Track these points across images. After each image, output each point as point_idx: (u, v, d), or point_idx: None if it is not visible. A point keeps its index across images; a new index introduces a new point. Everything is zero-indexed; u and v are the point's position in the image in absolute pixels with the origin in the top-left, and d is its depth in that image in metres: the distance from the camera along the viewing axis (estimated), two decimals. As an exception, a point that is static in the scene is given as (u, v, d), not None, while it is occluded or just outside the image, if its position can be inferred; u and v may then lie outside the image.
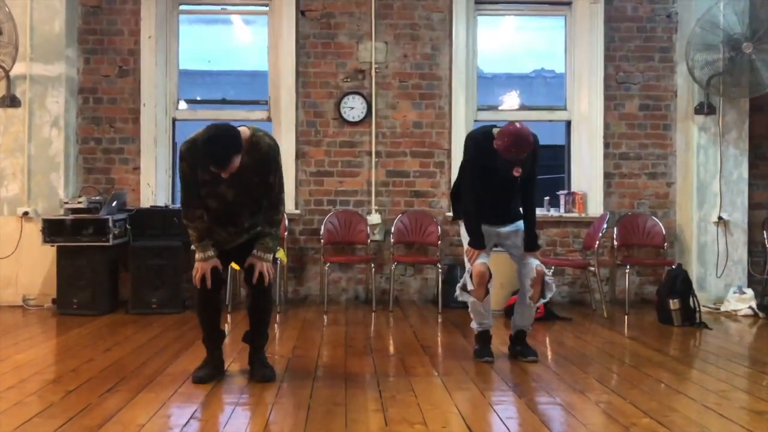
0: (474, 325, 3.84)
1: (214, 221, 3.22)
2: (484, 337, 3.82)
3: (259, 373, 3.26)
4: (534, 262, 3.68)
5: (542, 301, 3.81)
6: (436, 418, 2.66)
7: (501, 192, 3.73)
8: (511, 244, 3.82)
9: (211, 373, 3.26)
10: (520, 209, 3.80)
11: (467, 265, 3.76)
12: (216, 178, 3.06)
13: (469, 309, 3.82)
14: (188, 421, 2.61)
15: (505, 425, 2.63)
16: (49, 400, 2.88)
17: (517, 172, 3.44)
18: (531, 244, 3.74)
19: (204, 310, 3.32)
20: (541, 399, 3.02)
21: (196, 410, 2.77)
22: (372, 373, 3.43)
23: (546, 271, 3.75)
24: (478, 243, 3.69)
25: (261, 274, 3.19)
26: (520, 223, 3.79)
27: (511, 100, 12.98)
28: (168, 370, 3.43)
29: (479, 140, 3.69)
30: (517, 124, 3.52)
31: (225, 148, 2.94)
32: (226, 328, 4.70)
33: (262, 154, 3.15)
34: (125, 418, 2.62)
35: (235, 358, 3.67)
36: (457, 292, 3.81)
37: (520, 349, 3.80)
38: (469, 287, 3.71)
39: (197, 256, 3.19)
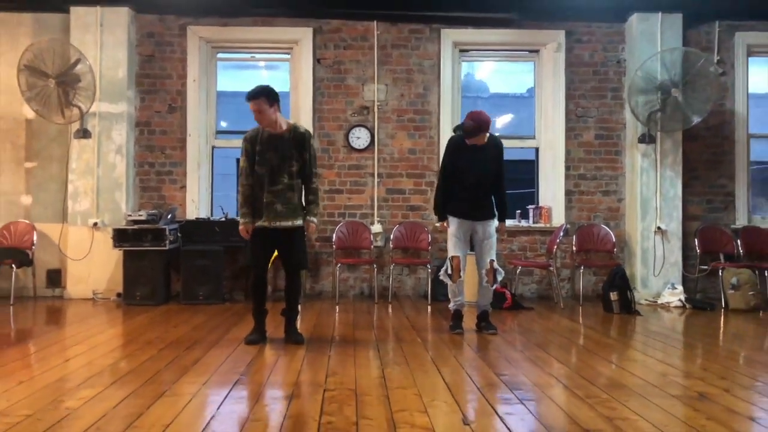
0: (451, 305, 5.12)
1: (261, 185, 4.46)
2: (457, 315, 5.10)
3: (293, 338, 4.56)
4: (488, 257, 4.96)
5: (496, 284, 5.07)
6: (416, 361, 3.93)
7: (476, 187, 4.96)
8: (479, 237, 5.03)
9: (258, 338, 4.54)
10: (494, 208, 5.08)
11: (448, 254, 5.05)
12: (266, 147, 4.44)
13: (448, 291, 5.11)
14: (246, 368, 3.88)
15: (464, 369, 3.90)
16: (138, 361, 3.97)
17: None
18: (501, 217, 5.10)
19: (255, 292, 4.63)
20: (495, 355, 4.29)
21: (252, 359, 4.05)
22: (373, 341, 4.70)
23: (496, 263, 5.02)
24: (442, 217, 5.10)
25: (296, 259, 4.56)
26: (492, 222, 5.05)
27: (504, 120, 14.35)
28: (225, 338, 4.70)
29: (454, 139, 5.08)
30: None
31: (260, 87, 4.43)
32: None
33: (300, 134, 4.55)
34: (195, 372, 3.84)
35: (273, 330, 4.96)
36: (441, 274, 5.13)
37: (484, 324, 5.08)
38: (448, 272, 5.01)
39: (240, 221, 4.55)
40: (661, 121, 6.83)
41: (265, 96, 4.41)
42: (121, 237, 6.45)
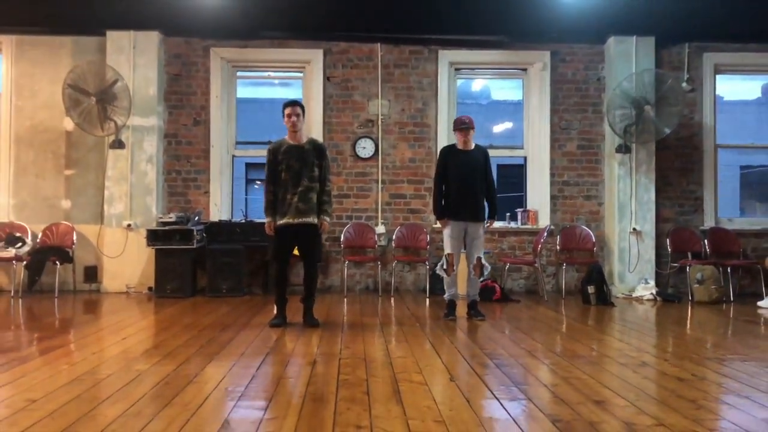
0: (446, 295, 5.92)
1: (285, 188, 5.25)
2: (451, 304, 5.88)
3: (310, 322, 5.36)
4: (477, 254, 5.75)
5: (483, 277, 5.87)
6: (415, 340, 4.73)
7: (467, 189, 5.72)
8: (470, 236, 5.79)
9: (281, 322, 5.34)
10: (485, 211, 5.86)
11: (444, 251, 5.82)
12: (289, 156, 5.24)
13: (444, 283, 5.89)
14: (273, 344, 4.67)
15: (454, 346, 4.69)
16: (177, 342, 4.84)
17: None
18: (491, 215, 5.87)
19: (278, 283, 5.43)
20: (482, 336, 5.08)
21: (277, 338, 4.84)
22: (378, 325, 5.49)
23: (483, 259, 5.80)
24: (440, 216, 5.85)
25: (314, 253, 5.37)
26: (482, 224, 5.80)
27: (501, 127, 15.17)
28: (249, 324, 5.49)
29: (445, 147, 6.02)
30: None
31: (298, 100, 5.44)
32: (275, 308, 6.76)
33: (319, 145, 5.45)
34: (232, 347, 4.65)
35: (292, 316, 5.76)
36: (438, 268, 5.91)
37: (473, 312, 5.86)
38: (444, 266, 5.79)
39: (265, 221, 5.36)
40: (636, 134, 7.61)
41: (301, 106, 5.38)
42: (153, 237, 7.25)
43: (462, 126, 5.78)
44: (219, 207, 7.97)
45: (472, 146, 5.83)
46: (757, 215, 15.66)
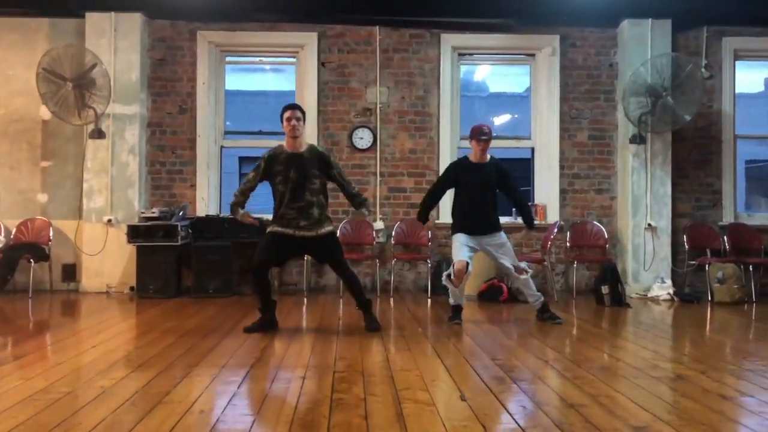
0: (451, 301, 5.42)
1: (281, 201, 4.80)
2: (457, 308, 5.40)
3: (369, 325, 4.91)
4: (509, 263, 5.30)
5: (529, 273, 5.41)
6: (418, 348, 4.24)
7: (481, 199, 5.28)
8: (490, 251, 5.33)
9: (261, 329, 4.84)
10: (498, 222, 5.40)
11: (454, 259, 5.29)
12: (287, 166, 4.75)
13: (449, 291, 5.40)
14: (260, 353, 4.19)
15: (458, 350, 4.21)
16: (156, 348, 4.30)
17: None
18: (529, 224, 5.49)
19: (258, 289, 4.95)
20: (489, 342, 4.59)
21: (265, 346, 4.35)
22: (377, 330, 5.01)
23: (520, 265, 5.36)
24: (421, 218, 5.59)
25: (338, 257, 4.98)
26: (501, 234, 5.35)
27: (502, 119, 14.65)
28: (236, 329, 5.01)
29: (458, 161, 5.51)
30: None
31: (297, 104, 5.02)
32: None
33: (321, 153, 4.97)
34: (214, 356, 4.15)
35: (282, 321, 5.27)
36: (444, 278, 5.37)
37: (548, 315, 5.38)
38: (452, 276, 5.28)
39: (238, 215, 4.94)
40: (651, 123, 7.13)
41: (302, 111, 4.88)
42: (134, 233, 6.75)
43: (482, 137, 5.26)
44: (206, 201, 7.47)
45: (487, 158, 5.36)
46: (762, 211, 15.18)
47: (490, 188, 5.32)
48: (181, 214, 6.91)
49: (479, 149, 5.29)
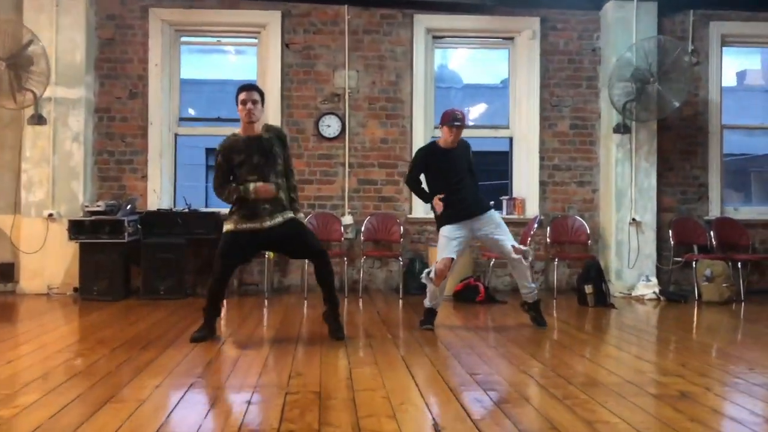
0: (427, 302, 4.93)
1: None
2: (431, 312, 4.91)
3: (334, 334, 4.35)
4: (508, 243, 4.76)
5: (529, 259, 4.85)
6: (386, 360, 3.74)
7: (459, 183, 4.78)
8: (486, 234, 4.80)
9: (205, 335, 4.30)
10: (484, 198, 4.91)
11: (438, 256, 4.79)
12: (249, 152, 4.21)
13: (427, 290, 4.90)
14: (203, 370, 3.65)
15: (432, 364, 3.73)
16: (89, 360, 3.74)
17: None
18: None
19: (214, 288, 4.39)
20: (462, 351, 4.11)
21: (211, 359, 3.81)
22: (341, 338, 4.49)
23: (521, 247, 4.82)
24: (427, 199, 4.93)
25: (312, 245, 4.41)
26: (493, 213, 4.86)
27: (477, 110, 14.17)
28: (183, 336, 4.45)
29: (425, 147, 5.01)
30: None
31: (255, 84, 4.45)
32: (223, 311, 5.72)
33: (279, 131, 4.48)
34: (148, 374, 3.56)
35: (236, 328, 4.73)
36: (424, 275, 4.87)
37: (534, 315, 4.92)
38: (431, 275, 4.79)
39: (244, 193, 4.24)
40: (636, 111, 6.71)
41: (260, 92, 4.32)
42: (77, 229, 6.13)
43: (455, 122, 4.74)
44: (159, 194, 6.86)
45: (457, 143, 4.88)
46: (752, 204, 14.99)
47: (463, 171, 4.84)
48: (128, 208, 6.30)
49: (451, 137, 4.79)
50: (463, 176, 4.83)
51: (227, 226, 4.33)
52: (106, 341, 4.27)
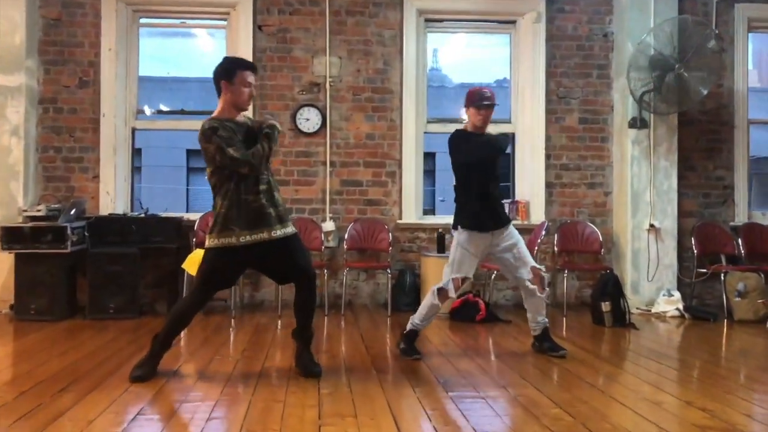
0: (412, 323, 4.13)
1: (235, 186, 3.37)
2: (412, 335, 4.12)
3: (309, 369, 3.54)
4: (528, 264, 4.04)
5: (547, 290, 4.17)
6: (366, 408, 2.92)
7: (490, 188, 4.04)
8: (503, 247, 4.05)
9: (151, 373, 3.46)
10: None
11: (452, 270, 3.99)
12: (245, 141, 3.38)
13: (422, 307, 4.12)
14: (135, 417, 2.82)
15: (428, 416, 2.91)
16: (2, 399, 3.04)
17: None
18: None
19: (184, 317, 3.58)
20: (466, 393, 3.30)
21: (143, 408, 2.98)
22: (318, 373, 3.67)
23: (539, 267, 4.11)
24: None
25: (307, 264, 3.62)
26: (512, 229, 4.12)
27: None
28: (120, 371, 3.61)
29: (458, 133, 4.09)
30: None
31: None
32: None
33: (261, 122, 3.57)
34: (76, 415, 2.82)
35: (186, 359, 3.89)
36: (431, 292, 4.06)
37: (548, 345, 4.12)
38: (451, 294, 4.00)
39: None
40: (655, 103, 5.93)
41: (256, 71, 3.65)
42: (12, 237, 5.27)
43: (485, 102, 3.96)
44: (113, 197, 6.00)
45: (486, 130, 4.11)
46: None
47: (496, 166, 4.10)
48: (73, 212, 5.43)
49: (480, 118, 4.00)
50: (495, 175, 4.10)
51: (221, 240, 3.39)
52: (24, 377, 3.46)
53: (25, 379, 3.42)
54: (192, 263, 5.38)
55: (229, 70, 3.46)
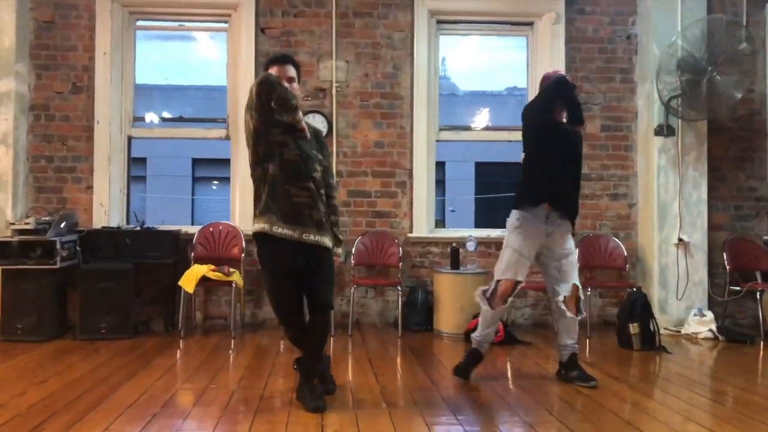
0: (475, 335, 3.89)
1: (281, 174, 3.11)
2: (476, 356, 3.86)
3: (312, 403, 3.21)
4: (572, 281, 3.71)
5: (581, 315, 3.79)
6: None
7: (567, 167, 3.75)
8: (549, 247, 3.76)
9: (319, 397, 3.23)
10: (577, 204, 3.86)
11: (503, 270, 3.76)
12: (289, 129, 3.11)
13: (480, 317, 3.88)
14: (112, 465, 2.48)
15: (446, 465, 2.54)
16: None
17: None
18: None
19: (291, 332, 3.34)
20: (485, 429, 2.93)
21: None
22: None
23: (579, 287, 3.77)
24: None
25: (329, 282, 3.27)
26: (570, 238, 3.80)
27: (481, 119, 12.90)
28: (106, 402, 3.27)
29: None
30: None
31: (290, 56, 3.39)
32: (178, 353, 4.58)
33: (317, 129, 3.43)
34: None
35: (180, 386, 3.54)
36: (478, 294, 3.84)
37: (576, 374, 3.76)
38: (488, 294, 3.78)
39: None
40: (683, 108, 5.55)
41: (296, 65, 3.31)
42: (-1, 252, 4.95)
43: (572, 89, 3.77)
44: (107, 209, 5.66)
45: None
46: None
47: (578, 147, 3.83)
48: (63, 225, 5.10)
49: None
50: (574, 159, 3.82)
51: (257, 225, 3.20)
52: (8, 405, 3.19)
53: (5, 408, 3.09)
54: (189, 280, 5.10)
55: (264, 67, 3.28)
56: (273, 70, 3.19)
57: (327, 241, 3.21)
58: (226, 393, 3.52)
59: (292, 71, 3.24)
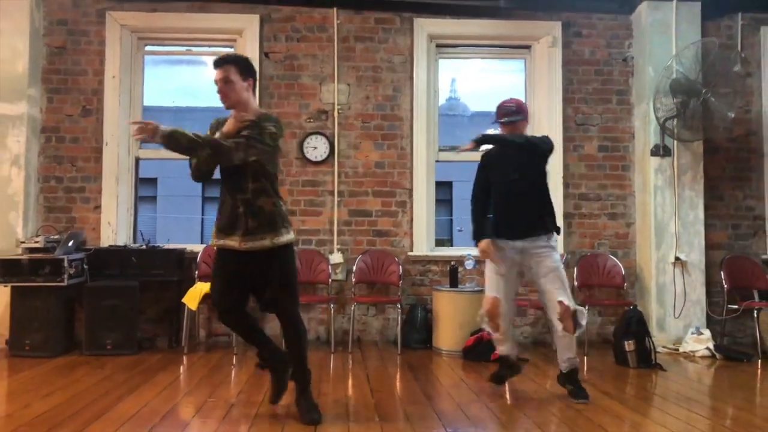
0: (500, 349, 4.16)
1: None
2: (505, 363, 4.11)
3: (305, 416, 3.27)
4: (555, 299, 3.76)
5: (579, 330, 3.84)
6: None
7: (509, 195, 3.97)
8: (530, 266, 3.90)
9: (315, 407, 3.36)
10: (542, 221, 3.92)
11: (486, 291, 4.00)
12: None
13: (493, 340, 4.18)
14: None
15: (433, 476, 2.61)
16: None
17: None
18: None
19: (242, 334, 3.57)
20: (477, 448, 2.99)
21: (121, 461, 2.72)
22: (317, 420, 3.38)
23: (570, 303, 3.79)
24: (476, 236, 4.02)
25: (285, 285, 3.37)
26: (542, 241, 3.86)
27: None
28: (106, 415, 3.37)
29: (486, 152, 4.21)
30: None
31: (233, 55, 3.59)
32: (181, 369, 4.67)
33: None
34: None
35: (179, 401, 3.63)
36: (480, 317, 4.04)
37: (571, 388, 3.86)
38: (485, 319, 3.96)
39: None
40: (678, 129, 5.65)
41: (236, 65, 3.29)
42: (9, 269, 5.09)
43: (503, 120, 4.25)
44: (114, 228, 5.81)
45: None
46: None
47: (523, 182, 4.02)
48: (71, 244, 5.25)
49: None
50: (517, 187, 4.06)
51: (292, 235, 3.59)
52: (13, 417, 3.25)
53: (10, 420, 3.19)
54: (193, 297, 5.21)
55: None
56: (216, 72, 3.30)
57: (268, 242, 3.34)
58: (225, 406, 3.61)
59: (220, 73, 3.29)
